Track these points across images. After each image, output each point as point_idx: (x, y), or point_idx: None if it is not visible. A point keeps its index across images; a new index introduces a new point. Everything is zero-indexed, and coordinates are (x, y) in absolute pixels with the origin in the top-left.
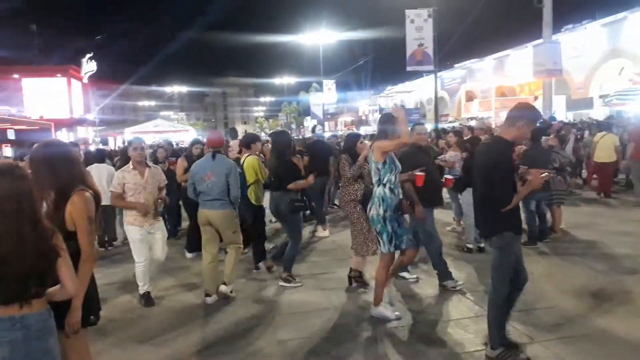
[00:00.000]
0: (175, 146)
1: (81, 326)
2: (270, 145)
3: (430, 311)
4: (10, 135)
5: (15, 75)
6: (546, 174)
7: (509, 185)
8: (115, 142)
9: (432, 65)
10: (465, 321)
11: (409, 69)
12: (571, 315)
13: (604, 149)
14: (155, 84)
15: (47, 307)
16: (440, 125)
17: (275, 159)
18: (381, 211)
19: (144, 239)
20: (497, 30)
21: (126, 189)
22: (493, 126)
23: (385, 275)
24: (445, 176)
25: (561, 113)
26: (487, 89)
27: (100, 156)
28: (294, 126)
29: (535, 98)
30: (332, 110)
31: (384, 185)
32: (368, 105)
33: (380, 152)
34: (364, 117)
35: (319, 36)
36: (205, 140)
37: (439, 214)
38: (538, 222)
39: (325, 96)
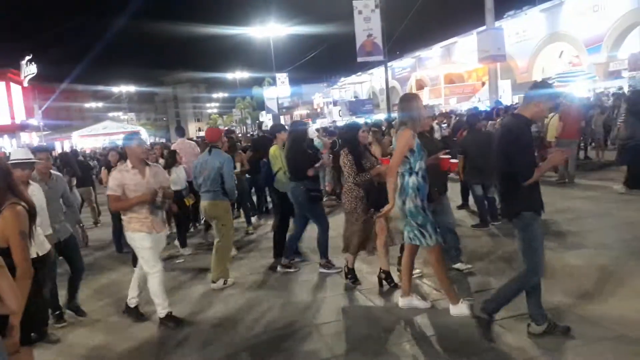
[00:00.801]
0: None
1: (22, 344)
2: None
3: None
4: None
5: None
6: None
7: (529, 160)
8: (63, 147)
9: (382, 56)
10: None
11: (359, 59)
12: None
13: (552, 130)
14: (102, 84)
15: None
16: (393, 115)
17: (291, 148)
18: (418, 202)
19: (156, 245)
20: (443, 19)
21: (126, 190)
22: (443, 112)
23: (442, 269)
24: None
25: (507, 97)
26: (436, 77)
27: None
28: (249, 121)
29: (483, 84)
30: (287, 103)
31: (417, 173)
32: (322, 98)
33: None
34: (319, 110)
35: (269, 29)
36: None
37: None
38: (487, 206)
39: (279, 90)
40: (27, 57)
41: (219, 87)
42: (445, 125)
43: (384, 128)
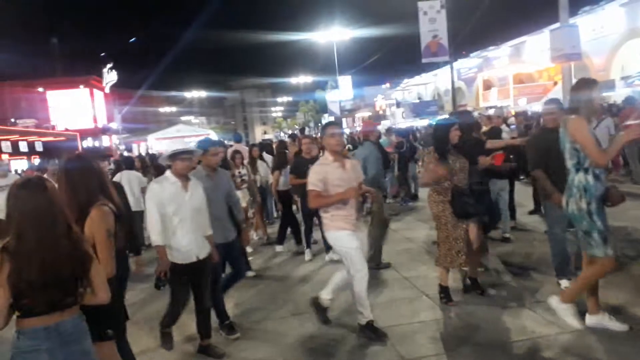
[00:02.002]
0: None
1: (98, 339)
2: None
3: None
4: (39, 147)
5: (40, 89)
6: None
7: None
8: (139, 149)
9: (447, 56)
10: None
11: (424, 61)
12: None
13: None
14: (175, 89)
15: (79, 312)
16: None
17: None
18: (583, 204)
19: (362, 244)
20: (512, 17)
21: (329, 186)
22: (512, 113)
23: (593, 281)
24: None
25: None
26: (504, 77)
27: (130, 163)
28: (312, 124)
29: (555, 83)
30: (349, 106)
31: (586, 170)
32: (384, 100)
33: (579, 130)
34: (381, 112)
35: (332, 34)
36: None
37: None
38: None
39: (341, 93)
40: (109, 65)
41: (284, 91)
42: (515, 126)
43: None
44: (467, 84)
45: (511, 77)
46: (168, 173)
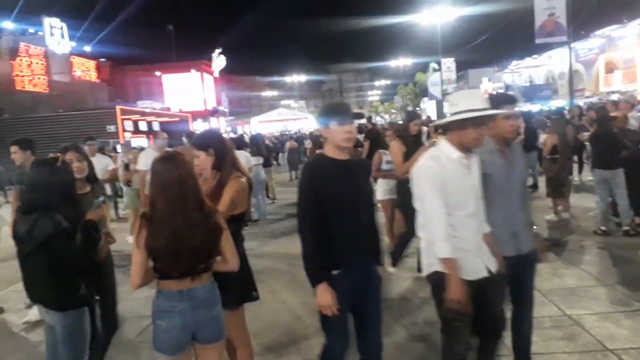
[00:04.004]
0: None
1: (244, 301)
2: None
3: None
4: (156, 127)
5: (157, 73)
6: None
7: None
8: (243, 131)
9: (565, 36)
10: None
11: (538, 41)
12: None
13: None
14: (277, 74)
15: (212, 279)
16: (576, 101)
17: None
18: None
19: None
20: None
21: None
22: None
23: None
24: None
25: None
26: (630, 59)
27: (240, 143)
28: (410, 108)
29: None
30: (451, 89)
31: None
32: (491, 83)
33: None
34: (487, 96)
35: (436, 14)
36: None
37: (580, 199)
38: None
39: (444, 75)
40: (218, 50)
41: (382, 74)
42: None
43: (568, 117)
44: (586, 66)
45: (639, 59)
46: (444, 144)
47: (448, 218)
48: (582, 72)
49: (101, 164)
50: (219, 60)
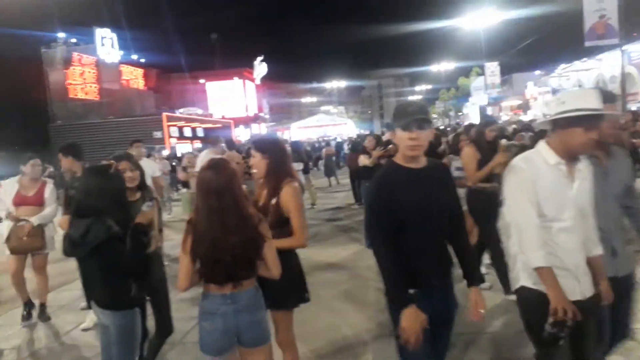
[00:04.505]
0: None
1: (298, 303)
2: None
3: None
4: (200, 132)
5: (201, 80)
6: None
7: None
8: (284, 137)
9: (617, 39)
10: None
11: (588, 44)
12: None
13: None
14: (316, 80)
15: (255, 285)
16: (629, 106)
17: None
18: None
19: None
20: None
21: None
22: None
23: None
24: None
25: None
26: None
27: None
28: (452, 113)
29: None
30: (495, 94)
31: None
32: (537, 87)
33: None
34: (532, 101)
35: (480, 17)
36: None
37: None
38: None
39: (487, 80)
40: (259, 58)
41: (422, 79)
42: None
43: (622, 121)
44: (639, 69)
45: None
46: (543, 147)
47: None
48: (635, 76)
49: (150, 169)
50: (260, 68)
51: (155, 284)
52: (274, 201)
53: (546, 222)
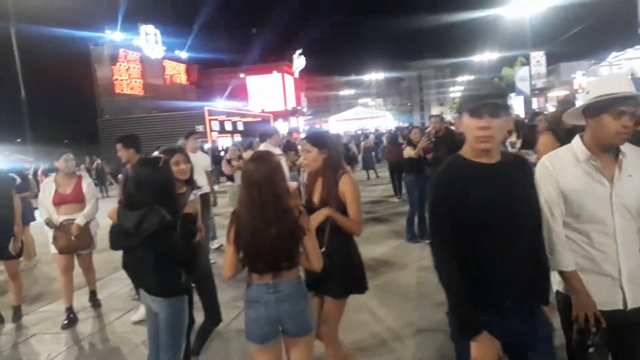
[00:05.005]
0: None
1: (350, 293)
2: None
3: None
4: (240, 126)
5: (241, 75)
6: None
7: None
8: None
9: None
10: None
11: None
12: None
13: None
14: (354, 73)
15: (298, 275)
16: None
17: None
18: None
19: None
20: None
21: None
22: None
23: None
24: None
25: None
26: None
27: None
28: None
29: None
30: (541, 84)
31: None
32: (586, 77)
33: None
34: (580, 90)
35: (525, 5)
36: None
37: None
38: None
39: (533, 70)
40: (298, 51)
41: (464, 70)
42: None
43: None
44: None
45: None
46: (576, 141)
47: (569, 229)
48: None
49: (204, 161)
50: (299, 61)
51: (202, 272)
52: (333, 193)
53: (579, 223)
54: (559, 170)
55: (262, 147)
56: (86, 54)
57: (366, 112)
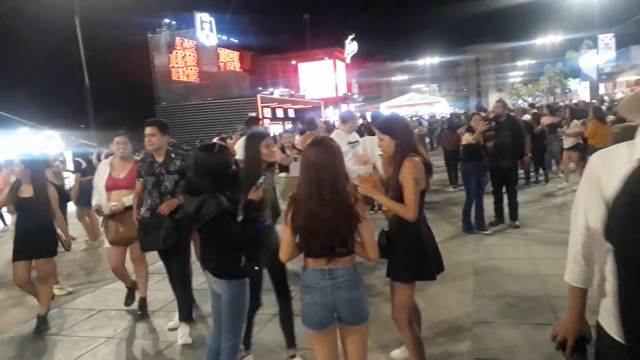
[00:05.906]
0: (430, 118)
1: (418, 278)
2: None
3: None
4: (291, 113)
5: (293, 61)
6: None
7: None
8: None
9: None
10: None
11: None
12: None
13: None
14: (408, 58)
15: (354, 263)
16: None
17: None
18: None
19: None
20: None
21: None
22: None
23: None
24: None
25: None
26: None
27: (371, 129)
28: (558, 90)
29: None
30: (609, 69)
31: None
32: None
33: None
34: None
35: None
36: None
37: None
38: None
39: (600, 53)
40: (350, 37)
41: (525, 54)
42: None
43: None
44: None
45: None
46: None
47: (604, 244)
48: None
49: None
50: (351, 47)
51: (271, 256)
52: (394, 177)
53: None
54: (607, 170)
55: (334, 133)
56: (144, 42)
57: (420, 98)
